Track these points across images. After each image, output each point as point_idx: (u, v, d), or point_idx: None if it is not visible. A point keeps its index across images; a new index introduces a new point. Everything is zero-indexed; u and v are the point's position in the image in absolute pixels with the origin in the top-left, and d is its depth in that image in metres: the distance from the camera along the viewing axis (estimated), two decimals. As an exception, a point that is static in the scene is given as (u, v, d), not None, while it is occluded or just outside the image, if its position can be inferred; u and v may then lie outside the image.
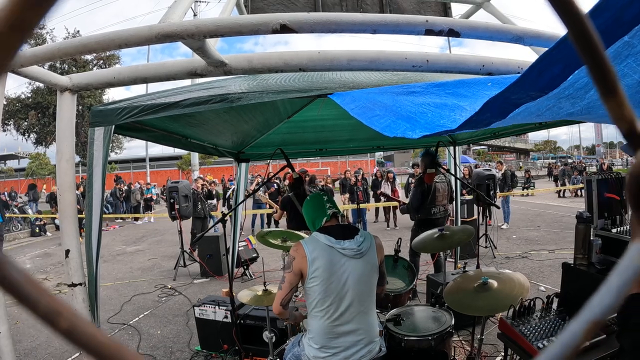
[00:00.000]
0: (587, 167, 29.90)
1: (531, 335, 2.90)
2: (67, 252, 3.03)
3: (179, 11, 2.42)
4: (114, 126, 2.90)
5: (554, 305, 3.35)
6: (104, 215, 18.81)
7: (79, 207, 8.98)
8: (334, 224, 2.67)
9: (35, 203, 23.32)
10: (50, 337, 5.87)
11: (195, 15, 24.45)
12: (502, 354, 3.54)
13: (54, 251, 12.88)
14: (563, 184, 24.69)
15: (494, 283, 3.19)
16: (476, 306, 3.14)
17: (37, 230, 17.45)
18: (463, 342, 4.61)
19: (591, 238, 3.48)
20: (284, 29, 2.17)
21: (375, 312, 2.72)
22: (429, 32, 2.36)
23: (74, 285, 3.05)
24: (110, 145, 2.90)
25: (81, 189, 13.57)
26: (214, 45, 2.71)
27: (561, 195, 23.08)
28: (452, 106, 1.60)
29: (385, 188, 14.49)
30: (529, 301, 3.20)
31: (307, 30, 2.21)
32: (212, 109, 2.82)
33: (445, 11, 4.61)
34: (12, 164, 50.26)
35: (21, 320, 6.66)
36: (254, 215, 15.15)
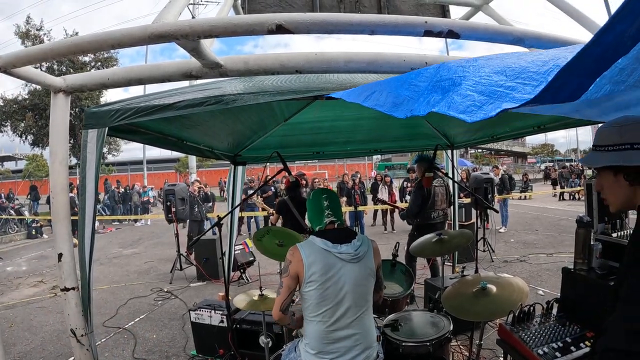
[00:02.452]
0: (585, 170, 29.86)
1: (531, 341, 2.86)
2: (60, 255, 2.99)
3: (173, 11, 2.38)
4: (107, 128, 2.86)
5: (554, 311, 3.31)
6: (102, 218, 18.80)
7: (76, 209, 8.93)
8: (331, 227, 2.63)
9: (37, 202, 23.56)
10: (45, 340, 5.82)
11: (193, 18, 24.38)
12: (501, 359, 3.49)
13: (50, 253, 12.79)
14: (562, 187, 24.69)
15: (493, 288, 3.15)
16: (475, 311, 3.10)
17: (34, 233, 17.40)
18: (461, 347, 4.56)
19: (591, 242, 3.43)
20: (280, 29, 2.13)
21: (372, 317, 2.68)
22: (428, 33, 2.32)
23: (66, 289, 3.01)
24: (108, 147, 2.89)
25: (75, 190, 13.49)
26: (210, 46, 2.68)
27: (562, 198, 22.98)
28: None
29: (383, 192, 14.49)
30: (528, 306, 3.16)
31: (304, 31, 2.17)
32: (207, 111, 2.78)
33: (444, 13, 4.59)
34: (9, 165, 50.18)
35: (16, 323, 6.60)
36: (249, 219, 15.07)
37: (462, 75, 1.31)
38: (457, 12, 4.92)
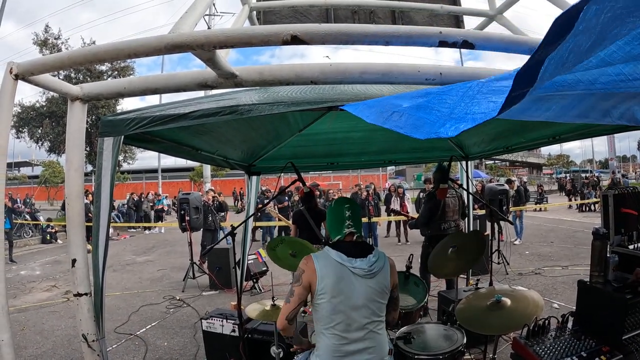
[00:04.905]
0: (601, 182, 29.45)
1: (545, 355, 2.82)
2: (74, 261, 3.01)
3: (189, 22, 2.41)
4: (122, 136, 2.89)
5: (569, 325, 3.26)
6: (116, 225, 18.90)
7: (90, 215, 9.00)
8: (348, 240, 2.60)
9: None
10: (56, 344, 5.86)
11: (209, 28, 24.61)
12: (515, 374, 3.43)
13: (64, 259, 12.87)
14: (582, 198, 24.39)
15: (507, 301, 3.11)
16: (489, 324, 3.06)
17: (48, 238, 17.58)
18: (474, 360, 4.50)
19: (607, 255, 3.38)
20: (295, 40, 2.14)
21: (385, 330, 2.64)
22: (443, 43, 2.32)
23: (79, 295, 3.02)
24: (123, 155, 2.92)
25: (90, 197, 13.62)
26: (225, 56, 2.69)
27: (585, 209, 22.69)
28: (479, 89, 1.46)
29: (395, 203, 14.41)
30: (543, 320, 3.11)
31: (318, 42, 2.18)
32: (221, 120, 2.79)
33: (458, 24, 4.59)
34: (25, 170, 50.97)
35: (27, 327, 6.66)
36: (264, 229, 15.09)
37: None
38: (471, 23, 4.91)
